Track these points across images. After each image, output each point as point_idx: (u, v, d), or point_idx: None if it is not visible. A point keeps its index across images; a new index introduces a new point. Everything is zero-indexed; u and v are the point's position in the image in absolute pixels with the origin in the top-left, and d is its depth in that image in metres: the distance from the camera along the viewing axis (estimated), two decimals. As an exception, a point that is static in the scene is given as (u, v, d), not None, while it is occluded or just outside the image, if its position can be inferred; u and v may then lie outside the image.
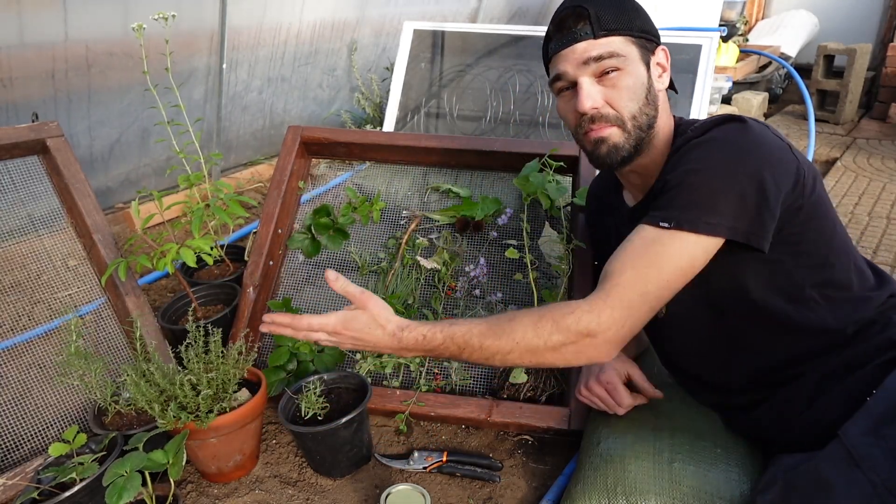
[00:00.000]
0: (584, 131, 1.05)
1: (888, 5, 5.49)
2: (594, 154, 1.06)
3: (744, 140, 0.94)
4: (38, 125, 1.50)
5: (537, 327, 0.92)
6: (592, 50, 0.99)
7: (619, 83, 1.00)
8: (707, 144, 0.96)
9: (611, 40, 1.00)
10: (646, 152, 1.05)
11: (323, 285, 1.67)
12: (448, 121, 2.62)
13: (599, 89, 1.01)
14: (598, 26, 0.99)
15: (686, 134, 1.04)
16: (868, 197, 2.93)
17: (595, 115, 1.01)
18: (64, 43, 2.06)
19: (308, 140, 1.78)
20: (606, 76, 1.00)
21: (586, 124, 1.03)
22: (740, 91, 4.41)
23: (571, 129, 1.08)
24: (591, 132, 1.03)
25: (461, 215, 1.65)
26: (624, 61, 1.00)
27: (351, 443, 1.24)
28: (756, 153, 0.93)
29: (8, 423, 1.29)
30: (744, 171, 0.91)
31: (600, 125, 1.02)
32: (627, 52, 1.01)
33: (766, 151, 0.94)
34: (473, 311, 1.55)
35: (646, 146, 1.04)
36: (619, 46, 1.00)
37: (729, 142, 0.95)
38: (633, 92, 1.01)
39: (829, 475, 0.84)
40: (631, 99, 1.01)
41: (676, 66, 2.22)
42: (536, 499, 1.20)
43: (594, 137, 1.03)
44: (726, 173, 0.92)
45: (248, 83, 2.91)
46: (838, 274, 1.00)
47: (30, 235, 1.48)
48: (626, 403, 1.15)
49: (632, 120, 1.01)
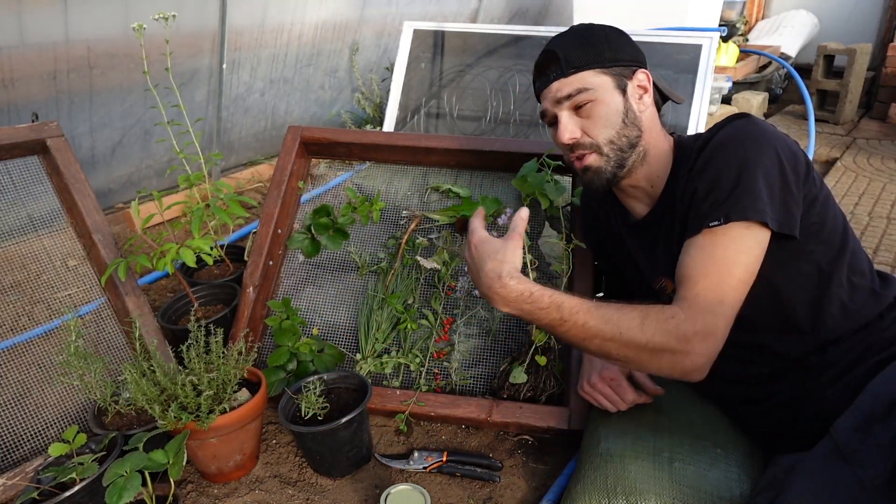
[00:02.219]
0: (570, 160, 1.15)
1: (888, 5, 5.49)
2: (584, 180, 1.16)
3: (756, 132, 0.99)
4: (38, 125, 1.50)
5: (643, 324, 0.92)
6: (563, 88, 1.09)
7: (593, 113, 1.09)
8: (724, 147, 1.00)
9: (580, 76, 1.09)
10: (637, 169, 1.12)
11: (323, 285, 1.67)
12: (448, 121, 2.62)
13: (577, 121, 1.10)
14: (567, 65, 1.09)
15: (691, 144, 1.09)
16: (868, 197, 2.93)
17: (574, 145, 1.11)
18: (65, 43, 2.07)
19: (308, 140, 1.78)
20: (582, 108, 1.09)
21: (568, 153, 1.14)
22: (740, 91, 4.42)
23: (562, 152, 1.18)
24: (576, 161, 1.13)
25: (461, 215, 1.65)
26: (594, 93, 1.08)
27: (351, 443, 1.24)
28: (770, 145, 0.97)
29: (8, 423, 1.29)
30: (764, 164, 0.96)
31: (580, 153, 1.11)
32: (599, 83, 1.09)
33: (781, 143, 0.98)
34: (473, 311, 1.56)
35: (633, 164, 1.11)
36: (589, 80, 1.08)
37: (743, 138, 0.99)
38: (606, 119, 1.09)
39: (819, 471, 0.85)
40: (605, 126, 1.09)
41: (676, 67, 2.23)
42: (536, 499, 1.20)
43: (580, 167, 1.13)
44: (750, 167, 0.96)
45: (250, 84, 2.91)
46: (857, 260, 1.04)
47: (30, 235, 1.48)
48: (629, 399, 1.16)
49: (608, 144, 1.09)
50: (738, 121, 1.02)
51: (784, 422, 1.03)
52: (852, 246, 1.04)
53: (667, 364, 0.93)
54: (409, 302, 1.58)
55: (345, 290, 1.65)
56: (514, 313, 0.98)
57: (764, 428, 1.08)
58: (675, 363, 0.92)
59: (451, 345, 1.51)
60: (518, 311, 0.97)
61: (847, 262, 1.02)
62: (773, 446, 1.07)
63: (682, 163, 1.09)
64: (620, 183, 1.14)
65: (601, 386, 1.18)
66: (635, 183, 1.14)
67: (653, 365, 0.94)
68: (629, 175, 1.12)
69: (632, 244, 1.23)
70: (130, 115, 2.41)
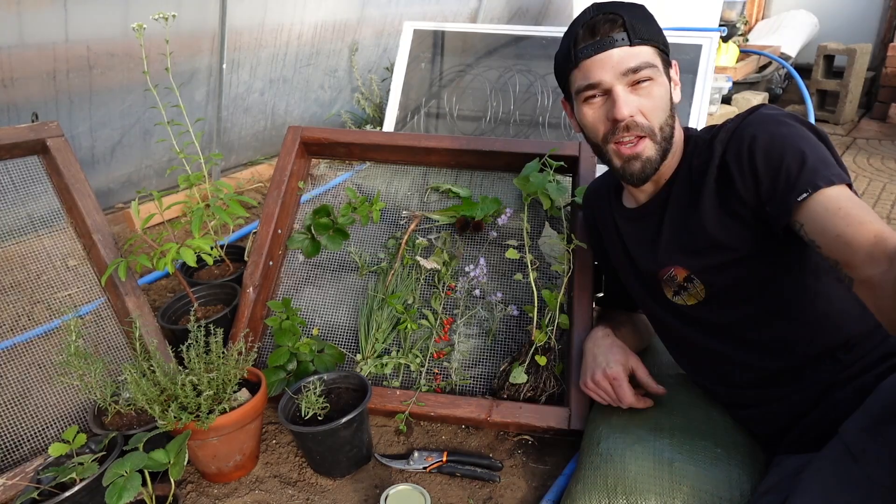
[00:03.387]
0: (615, 143, 1.05)
1: (888, 5, 5.49)
2: (625, 170, 1.06)
3: (789, 115, 0.97)
4: (38, 125, 1.50)
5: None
6: (630, 60, 1.00)
7: (653, 93, 1.02)
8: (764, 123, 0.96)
9: (645, 49, 1.01)
10: (666, 161, 1.07)
11: (323, 285, 1.67)
12: (448, 121, 2.62)
13: (634, 98, 1.02)
14: (634, 34, 1.00)
15: (703, 136, 1.07)
16: (868, 197, 2.93)
17: (630, 124, 1.02)
18: (65, 43, 2.06)
19: (308, 140, 1.78)
20: (639, 85, 1.01)
21: (619, 133, 1.03)
22: (740, 91, 4.41)
23: (597, 138, 1.08)
24: (624, 146, 1.04)
25: (461, 215, 1.65)
26: (656, 72, 1.02)
27: (351, 443, 1.24)
28: (801, 124, 0.95)
29: (8, 423, 1.29)
30: (809, 138, 0.93)
31: (632, 137, 1.03)
32: (657, 63, 1.03)
33: (807, 121, 0.97)
34: (473, 311, 1.56)
35: (668, 155, 1.07)
36: (651, 57, 1.02)
37: (781, 116, 0.96)
38: (663, 102, 1.03)
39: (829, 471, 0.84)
40: (662, 109, 1.03)
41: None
42: (536, 499, 1.20)
43: (627, 154, 1.04)
44: (808, 136, 0.93)
45: (249, 84, 2.91)
46: None
47: (30, 235, 1.48)
48: (627, 402, 1.16)
49: (660, 131, 1.04)
50: (760, 110, 0.99)
51: (790, 424, 1.03)
52: None
53: None
54: (409, 302, 1.57)
55: (345, 290, 1.65)
56: None
57: (769, 429, 1.08)
58: None
59: (451, 345, 1.51)
60: None
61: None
62: (775, 446, 1.07)
63: (695, 152, 1.07)
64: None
65: (604, 384, 1.19)
66: (657, 175, 1.10)
67: None
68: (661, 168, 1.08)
69: (628, 234, 1.22)
70: (130, 115, 2.41)
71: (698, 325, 1.13)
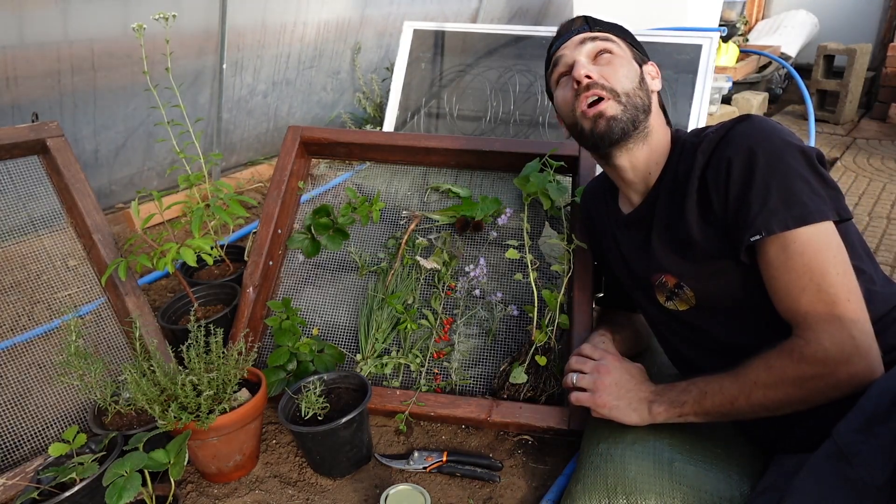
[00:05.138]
0: (581, 108, 1.07)
1: (888, 5, 5.49)
2: (594, 132, 1.08)
3: (771, 133, 0.97)
4: (38, 125, 1.50)
5: (770, 368, 0.93)
6: (588, 38, 1.10)
7: (614, 62, 1.08)
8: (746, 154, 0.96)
9: (607, 35, 1.11)
10: (642, 141, 1.09)
11: (322, 285, 1.67)
12: (448, 121, 2.62)
13: (595, 68, 1.07)
14: (594, 23, 1.12)
15: (691, 140, 1.08)
16: (868, 197, 2.93)
17: (590, 84, 1.06)
18: (65, 43, 2.07)
19: (308, 140, 1.78)
20: (601, 56, 1.09)
21: (582, 95, 1.06)
22: (740, 91, 4.41)
23: (569, 114, 1.11)
24: (589, 108, 1.06)
25: (461, 215, 1.65)
26: (617, 48, 1.10)
27: (351, 443, 1.24)
28: (790, 144, 0.96)
29: (8, 423, 1.29)
30: (794, 160, 0.94)
31: (595, 96, 1.05)
32: (621, 48, 1.10)
33: (796, 140, 0.97)
34: (473, 311, 1.56)
35: (642, 131, 1.08)
36: (614, 40, 1.11)
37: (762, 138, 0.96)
38: (626, 72, 1.08)
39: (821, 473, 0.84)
40: (625, 77, 1.07)
41: (676, 67, 2.23)
42: (536, 499, 1.20)
43: (593, 113, 1.06)
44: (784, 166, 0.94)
45: (253, 87, 2.91)
46: (868, 266, 1.02)
47: (30, 235, 1.48)
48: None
49: (625, 95, 1.06)
50: (745, 122, 0.99)
51: (785, 427, 1.03)
52: (865, 255, 1.02)
53: (821, 386, 0.91)
54: (409, 302, 1.58)
55: (345, 290, 1.65)
56: (666, 412, 1.06)
57: (767, 433, 1.08)
58: (830, 384, 0.90)
59: (451, 345, 1.51)
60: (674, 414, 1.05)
61: (862, 267, 0.99)
62: (773, 447, 1.07)
63: (681, 157, 1.08)
64: (624, 152, 1.09)
65: None
66: (636, 163, 1.11)
67: (811, 397, 0.92)
68: (636, 144, 1.08)
69: (623, 239, 1.23)
70: (134, 118, 2.41)
71: (691, 331, 1.13)
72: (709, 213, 1.01)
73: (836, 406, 0.95)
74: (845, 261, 0.92)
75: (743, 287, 1.02)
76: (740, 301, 1.04)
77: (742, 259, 0.99)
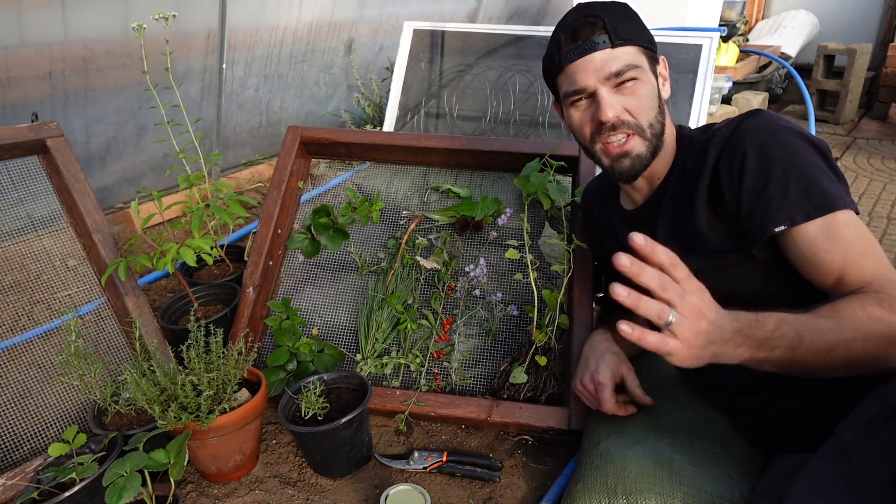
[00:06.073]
0: (603, 142, 1.05)
1: (888, 5, 5.49)
2: (615, 168, 1.07)
3: (784, 125, 0.97)
4: (37, 125, 1.50)
5: (870, 315, 0.84)
6: (613, 63, 1.00)
7: (638, 91, 1.02)
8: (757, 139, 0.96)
9: (627, 50, 1.02)
10: (657, 158, 1.08)
11: (322, 285, 1.67)
12: (448, 121, 2.62)
13: (619, 98, 1.02)
14: (615, 35, 1.00)
15: (698, 136, 1.07)
16: (868, 197, 2.93)
17: (616, 124, 1.03)
18: (63, 43, 2.07)
19: (308, 140, 1.78)
20: (624, 85, 1.02)
21: (606, 133, 1.04)
22: (740, 91, 4.41)
23: (585, 139, 1.09)
24: (612, 145, 1.05)
25: (461, 215, 1.65)
26: (640, 72, 1.02)
27: (351, 443, 1.24)
28: (802, 132, 0.96)
29: (8, 423, 1.29)
30: (808, 151, 0.94)
31: (620, 135, 1.03)
32: (641, 63, 1.03)
33: (806, 132, 0.97)
34: (473, 311, 1.56)
35: (659, 152, 1.07)
36: (634, 57, 1.02)
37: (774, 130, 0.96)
38: (649, 100, 1.03)
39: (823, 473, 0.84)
40: (649, 107, 1.03)
41: (677, 67, 2.23)
42: (536, 499, 1.20)
43: (615, 152, 1.05)
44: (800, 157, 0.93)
45: (244, 81, 2.91)
46: None
47: (30, 235, 1.48)
48: (606, 408, 1.15)
49: (649, 128, 1.04)
50: (755, 116, 0.99)
51: (789, 427, 1.03)
52: None
53: None
54: (409, 302, 1.57)
55: (345, 290, 1.65)
56: (747, 356, 0.83)
57: (768, 434, 1.08)
58: None
59: (451, 345, 1.51)
60: (753, 342, 0.82)
61: None
62: (773, 447, 1.07)
63: (689, 154, 1.07)
64: (640, 178, 1.10)
65: (590, 388, 1.19)
66: (649, 173, 1.11)
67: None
68: (651, 164, 1.08)
69: (624, 234, 1.22)
70: (125, 111, 2.41)
71: None
72: (720, 207, 1.01)
73: (836, 406, 0.95)
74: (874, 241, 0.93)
75: (749, 282, 1.02)
76: (745, 297, 1.04)
77: (754, 253, 0.98)
